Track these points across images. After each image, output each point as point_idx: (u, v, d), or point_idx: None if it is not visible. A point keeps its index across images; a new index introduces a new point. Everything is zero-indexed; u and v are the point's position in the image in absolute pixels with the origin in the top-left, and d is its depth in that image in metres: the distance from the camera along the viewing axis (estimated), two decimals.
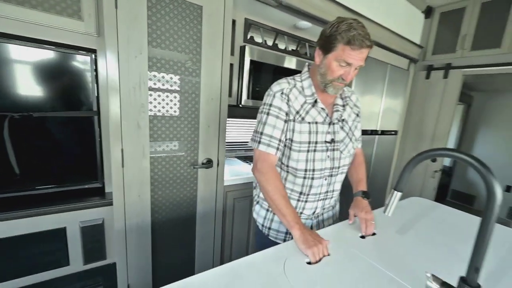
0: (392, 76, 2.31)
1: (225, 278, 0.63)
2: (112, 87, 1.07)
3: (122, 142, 1.13)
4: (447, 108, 2.46)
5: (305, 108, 0.91)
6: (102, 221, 1.26)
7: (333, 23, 0.82)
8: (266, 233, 1.04)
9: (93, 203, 1.21)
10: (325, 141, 0.94)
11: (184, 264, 1.48)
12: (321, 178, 0.96)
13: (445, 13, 2.42)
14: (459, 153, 0.55)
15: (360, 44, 0.78)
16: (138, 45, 1.09)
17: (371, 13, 1.97)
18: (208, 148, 1.38)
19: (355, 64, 0.82)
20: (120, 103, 1.09)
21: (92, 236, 1.24)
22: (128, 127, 1.13)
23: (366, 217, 0.91)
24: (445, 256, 0.82)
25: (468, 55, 2.29)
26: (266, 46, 1.73)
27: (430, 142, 2.58)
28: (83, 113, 1.20)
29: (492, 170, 0.51)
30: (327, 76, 0.86)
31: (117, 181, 1.16)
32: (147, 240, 1.29)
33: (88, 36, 1.13)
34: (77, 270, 1.24)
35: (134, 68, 1.09)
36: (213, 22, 1.25)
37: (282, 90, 0.90)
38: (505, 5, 2.07)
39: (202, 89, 1.29)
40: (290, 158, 0.93)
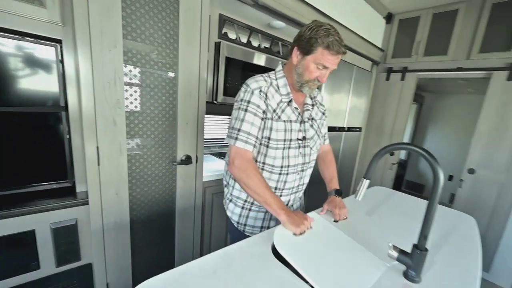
0: (358, 76, 2.50)
1: (222, 261, 0.68)
2: (84, 82, 1.02)
3: (97, 139, 1.09)
4: (403, 107, 2.74)
5: (281, 106, 0.95)
6: (76, 221, 1.20)
7: (312, 26, 0.87)
8: (242, 229, 1.07)
9: (65, 203, 1.15)
10: (298, 138, 1.00)
11: (164, 260, 1.47)
12: (295, 173, 1.03)
13: (403, 20, 2.67)
14: (413, 146, 0.69)
15: (337, 50, 0.86)
16: (112, 37, 1.05)
17: (341, 17, 2.10)
18: (187, 144, 1.38)
19: (330, 68, 0.90)
20: (94, 98, 1.05)
21: (65, 238, 1.18)
22: (103, 124, 1.09)
23: (340, 212, 1.02)
24: (402, 231, 0.98)
25: (421, 60, 2.56)
26: (240, 43, 1.76)
27: (389, 137, 2.85)
28: (49, 109, 1.12)
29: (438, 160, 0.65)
30: (304, 76, 0.92)
31: (93, 179, 1.12)
32: (126, 238, 1.27)
33: (52, 25, 1.04)
34: (49, 273, 1.18)
35: (108, 62, 1.06)
36: (190, 17, 1.25)
37: (260, 88, 0.92)
38: (452, 17, 2.35)
39: (179, 85, 1.28)
40: (267, 156, 0.97)
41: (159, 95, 1.24)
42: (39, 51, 1.05)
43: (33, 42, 1.03)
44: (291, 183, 1.04)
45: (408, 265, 0.70)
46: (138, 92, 1.17)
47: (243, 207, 1.05)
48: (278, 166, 0.99)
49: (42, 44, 1.05)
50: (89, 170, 1.10)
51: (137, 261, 1.36)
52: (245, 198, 1.04)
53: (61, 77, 1.11)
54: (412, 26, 2.60)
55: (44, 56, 1.06)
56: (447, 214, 1.22)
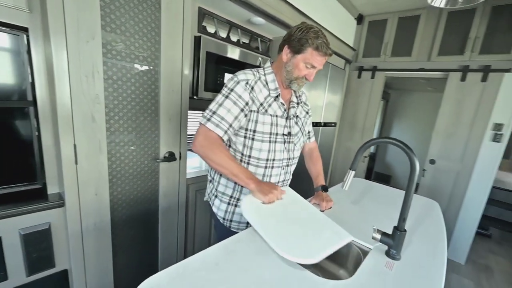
0: (333, 74, 2.62)
1: (223, 253, 0.70)
2: (59, 75, 0.94)
3: (75, 137, 1.02)
4: (373, 103, 2.93)
5: (268, 101, 0.98)
6: (49, 225, 1.12)
7: (302, 28, 0.92)
8: (228, 225, 1.08)
9: (37, 207, 1.06)
10: (283, 133, 1.03)
11: (147, 260, 1.43)
12: (280, 168, 1.06)
13: (372, 22, 2.84)
14: (393, 140, 0.77)
15: (325, 52, 0.92)
16: (90, 28, 0.98)
17: (317, 16, 2.17)
18: (170, 141, 1.35)
19: (318, 68, 0.95)
20: (70, 93, 0.98)
21: (37, 244, 1.09)
22: (81, 120, 1.02)
23: (327, 205, 1.08)
24: (382, 217, 1.08)
25: (389, 60, 2.76)
26: (219, 38, 1.75)
27: (361, 132, 3.04)
28: (14, 103, 1.02)
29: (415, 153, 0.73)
30: (293, 74, 0.96)
31: (70, 179, 1.05)
32: (107, 240, 1.21)
33: (17, 11, 0.96)
34: (18, 283, 1.08)
35: (86, 55, 0.99)
36: (173, 10, 1.21)
37: (247, 80, 0.94)
38: (415, 21, 2.57)
39: (162, 80, 1.25)
40: (253, 148, 0.99)
41: (141, 90, 1.19)
42: (3, 39, 0.95)
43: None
44: (276, 177, 1.07)
45: (390, 245, 0.78)
46: (118, 86, 1.12)
47: (229, 203, 1.06)
48: (263, 159, 1.01)
49: (5, 32, 0.96)
50: (65, 169, 1.03)
51: (118, 263, 1.30)
52: (231, 194, 1.05)
53: (27, 69, 1.02)
54: (380, 28, 2.79)
55: (7, 45, 0.97)
56: (415, 200, 1.35)
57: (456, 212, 2.48)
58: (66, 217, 1.11)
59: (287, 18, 1.83)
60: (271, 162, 1.03)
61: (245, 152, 1.00)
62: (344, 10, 2.64)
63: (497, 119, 2.25)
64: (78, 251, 1.13)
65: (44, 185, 1.15)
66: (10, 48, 0.98)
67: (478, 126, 2.33)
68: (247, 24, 1.90)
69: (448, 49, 2.44)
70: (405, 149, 0.74)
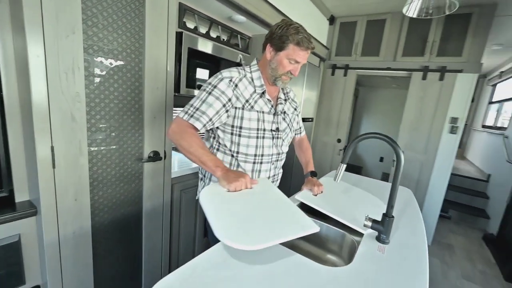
0: (309, 71, 2.72)
1: (227, 251, 0.72)
2: (35, 72, 0.87)
3: (52, 139, 0.95)
4: (346, 99, 3.11)
5: (254, 97, 1.02)
6: (18, 237, 1.03)
7: (281, 25, 0.96)
8: None
9: (3, 218, 0.97)
10: (271, 129, 1.08)
11: (130, 266, 1.38)
12: (269, 163, 1.11)
13: (344, 23, 3.01)
14: (381, 135, 0.84)
15: (307, 46, 0.97)
16: (70, 22, 0.92)
17: (294, 15, 2.24)
18: (154, 140, 1.31)
19: (301, 62, 1.00)
20: (47, 91, 0.91)
21: (6, 259, 1.00)
22: (59, 120, 0.96)
23: (318, 189, 1.14)
24: (368, 205, 1.15)
25: (360, 59, 2.95)
26: (200, 34, 1.73)
27: (336, 127, 3.22)
28: None
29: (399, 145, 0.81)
30: (278, 71, 1.00)
31: (46, 185, 0.97)
32: (87, 248, 1.15)
33: None
34: None
35: (65, 50, 0.92)
36: (158, 5, 1.17)
37: (231, 78, 0.97)
38: (381, 24, 2.78)
39: (146, 77, 1.20)
40: (240, 144, 1.02)
41: (124, 87, 1.14)
42: None
43: None
44: (266, 172, 1.11)
45: (380, 231, 0.86)
46: (100, 84, 1.06)
47: None
48: (251, 155, 1.04)
49: None
50: (41, 174, 0.95)
51: (99, 273, 1.23)
52: None
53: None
54: (351, 29, 2.96)
55: None
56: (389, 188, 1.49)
57: (422, 198, 2.77)
58: (39, 227, 1.03)
59: (267, 16, 1.86)
60: (259, 157, 1.06)
61: (233, 148, 1.03)
62: (317, 11, 2.75)
63: (453, 114, 2.55)
64: (55, 263, 1.05)
65: (11, 193, 1.05)
66: None
67: (438, 120, 2.62)
68: (228, 21, 1.90)
69: (411, 51, 2.69)
70: (392, 143, 0.82)
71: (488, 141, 4.36)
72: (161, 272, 1.54)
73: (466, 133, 6.08)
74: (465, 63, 2.45)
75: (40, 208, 0.99)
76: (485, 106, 5.16)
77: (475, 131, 5.48)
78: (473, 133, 5.66)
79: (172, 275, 0.60)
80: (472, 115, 5.86)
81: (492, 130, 4.35)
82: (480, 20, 2.36)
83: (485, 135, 4.59)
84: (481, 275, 2.42)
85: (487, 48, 3.44)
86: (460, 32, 2.44)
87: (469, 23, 2.39)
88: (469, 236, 3.21)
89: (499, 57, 3.99)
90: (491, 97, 4.99)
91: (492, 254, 2.78)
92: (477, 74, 2.42)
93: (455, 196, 3.81)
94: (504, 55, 3.86)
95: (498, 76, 4.50)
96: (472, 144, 5.58)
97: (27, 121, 0.97)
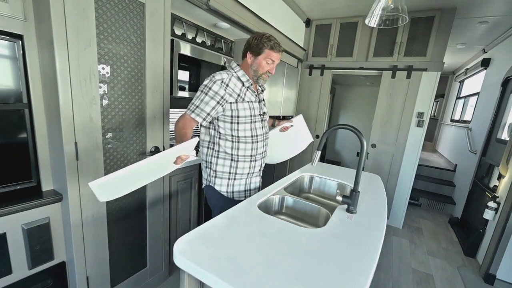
0: (288, 72, 3.05)
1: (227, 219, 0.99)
2: (62, 79, 1.10)
3: (75, 136, 1.19)
4: (323, 97, 3.48)
5: (243, 91, 1.33)
6: (48, 220, 1.26)
7: (256, 36, 1.30)
8: (231, 196, 1.40)
9: (38, 202, 1.20)
10: (260, 114, 1.41)
11: (136, 248, 1.62)
12: (262, 141, 1.43)
13: (319, 26, 3.36)
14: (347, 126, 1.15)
15: (278, 49, 1.31)
16: (87, 37, 1.15)
17: (273, 21, 2.54)
18: (155, 136, 1.57)
19: (276, 62, 1.34)
20: (71, 95, 1.14)
21: (39, 238, 1.23)
22: (80, 120, 1.19)
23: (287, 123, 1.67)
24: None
25: (335, 60, 3.32)
26: (188, 40, 2.00)
27: (315, 123, 3.58)
28: (10, 106, 1.15)
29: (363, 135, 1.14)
30: (258, 71, 1.33)
31: (72, 175, 1.20)
32: (103, 230, 1.38)
33: (13, 19, 1.09)
34: (22, 277, 1.20)
35: (84, 60, 1.16)
36: (155, 18, 1.42)
37: (222, 79, 1.26)
38: (354, 27, 3.14)
39: (147, 81, 1.46)
40: (239, 130, 1.33)
41: (129, 91, 1.39)
42: None
43: None
44: (260, 149, 1.43)
45: (349, 203, 1.16)
46: (111, 88, 1.31)
47: (229, 178, 1.38)
48: (249, 136, 1.36)
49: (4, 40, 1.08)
50: (68, 165, 1.18)
51: (113, 252, 1.47)
52: (229, 170, 1.37)
53: (23, 74, 1.16)
54: (326, 31, 3.32)
55: (3, 51, 1.09)
56: (364, 175, 1.83)
57: (393, 187, 3.17)
58: (64, 211, 1.26)
59: (249, 23, 2.16)
60: (255, 137, 1.38)
61: (234, 134, 1.33)
62: (294, 15, 3.08)
63: (419, 109, 2.92)
64: (79, 242, 1.29)
65: (38, 183, 1.27)
66: (6, 54, 1.10)
67: (406, 114, 2.98)
68: (213, 27, 2.18)
69: (381, 52, 3.06)
70: (356, 131, 1.12)
71: (456, 134, 4.83)
72: (162, 255, 1.81)
73: (437, 127, 6.74)
74: (429, 62, 2.80)
75: (66, 195, 1.22)
76: (453, 101, 5.70)
77: (445, 125, 6.05)
78: (443, 127, 6.25)
79: (189, 234, 0.84)
80: (442, 110, 6.46)
81: (458, 123, 4.79)
82: (441, 22, 2.71)
83: (453, 129, 5.07)
84: (444, 251, 2.81)
85: (452, 47, 4.00)
86: (424, 34, 2.82)
87: (431, 25, 2.76)
88: (437, 220, 3.64)
89: (463, 55, 4.53)
90: (459, 92, 5.49)
91: (455, 234, 3.20)
92: (439, 72, 2.76)
93: (424, 185, 4.26)
94: (467, 53, 4.39)
95: (463, 73, 5.01)
96: (442, 138, 6.17)
97: (52, 122, 1.19)
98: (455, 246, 2.97)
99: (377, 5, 1.49)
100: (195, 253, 0.77)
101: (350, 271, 0.77)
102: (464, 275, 2.41)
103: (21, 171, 1.21)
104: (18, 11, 1.09)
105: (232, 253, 0.79)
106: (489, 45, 3.79)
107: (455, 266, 2.58)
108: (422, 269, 2.49)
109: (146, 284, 1.73)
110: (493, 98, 3.22)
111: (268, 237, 0.91)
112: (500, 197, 2.42)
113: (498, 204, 2.39)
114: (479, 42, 3.75)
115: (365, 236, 0.99)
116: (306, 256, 0.82)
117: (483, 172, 3.08)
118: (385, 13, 1.60)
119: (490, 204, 2.41)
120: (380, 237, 0.98)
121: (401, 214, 3.20)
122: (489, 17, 2.87)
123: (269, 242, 0.88)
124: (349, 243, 0.93)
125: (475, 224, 2.89)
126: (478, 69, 4.13)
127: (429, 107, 2.89)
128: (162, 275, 1.86)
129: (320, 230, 1.00)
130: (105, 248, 1.41)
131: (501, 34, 3.31)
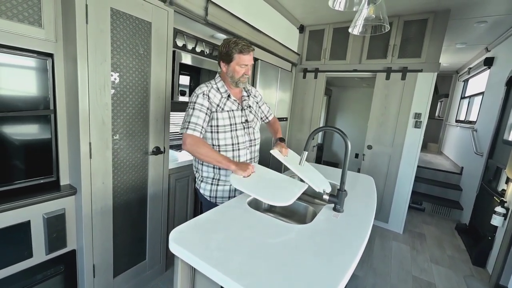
0: (282, 76, 3.40)
1: (218, 214, 1.23)
2: (82, 89, 1.39)
3: (90, 136, 1.51)
4: (318, 100, 3.81)
5: (223, 101, 1.53)
6: (64, 210, 1.56)
7: (224, 44, 1.46)
8: (214, 201, 1.58)
9: (57, 194, 1.50)
10: (242, 122, 1.60)
11: (137, 241, 1.91)
12: (245, 149, 1.63)
13: (312, 31, 3.71)
14: (331, 127, 1.37)
15: (247, 50, 1.43)
16: (103, 53, 1.45)
17: (266, 29, 2.87)
18: (156, 137, 1.89)
19: (249, 64, 1.47)
20: (88, 102, 1.45)
21: (56, 226, 1.52)
22: (95, 123, 1.50)
23: (285, 151, 1.67)
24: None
25: (328, 63, 3.65)
26: (188, 50, 2.36)
27: (309, 124, 3.89)
28: (41, 112, 1.43)
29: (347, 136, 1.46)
30: (235, 77, 1.47)
31: (86, 171, 1.51)
32: (109, 222, 1.68)
33: (47, 42, 1.40)
34: (40, 260, 1.48)
35: (100, 73, 1.46)
36: (159, 34, 1.73)
37: (203, 92, 1.45)
38: (346, 31, 3.44)
39: (151, 89, 1.76)
40: (219, 139, 1.53)
41: (136, 97, 1.72)
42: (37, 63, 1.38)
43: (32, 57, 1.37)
44: (244, 157, 1.63)
45: (335, 202, 1.33)
46: (120, 96, 1.64)
47: (212, 183, 1.58)
48: (229, 144, 1.55)
49: (37, 58, 1.39)
50: (83, 163, 1.49)
51: (116, 242, 1.76)
52: (213, 176, 1.58)
53: (51, 85, 1.49)
54: (319, 36, 3.66)
55: (38, 67, 1.39)
56: (356, 176, 2.09)
57: (392, 189, 3.30)
58: (78, 204, 1.55)
59: (244, 33, 2.50)
60: (236, 145, 1.58)
61: (215, 143, 1.54)
62: (288, 22, 3.41)
63: (416, 109, 3.08)
64: (89, 231, 1.57)
65: (58, 178, 1.60)
66: (40, 69, 1.40)
67: (402, 115, 3.15)
68: (210, 38, 2.54)
69: (375, 54, 3.33)
70: (340, 133, 1.35)
71: (461, 135, 4.90)
72: (160, 249, 2.12)
73: (442, 128, 6.95)
74: (424, 63, 2.99)
75: (80, 189, 1.53)
76: (458, 101, 5.85)
77: (450, 126, 6.14)
78: (448, 128, 6.34)
79: (182, 226, 1.06)
80: (447, 110, 6.59)
81: (464, 124, 4.86)
82: (435, 24, 2.91)
83: (458, 130, 5.16)
84: (449, 259, 2.76)
85: (451, 47, 4.25)
86: (418, 36, 3.06)
87: (425, 27, 3.00)
88: (442, 226, 3.63)
89: (465, 54, 4.72)
90: (463, 92, 5.64)
91: (463, 242, 3.16)
92: (435, 72, 2.94)
93: (428, 189, 4.32)
94: (469, 53, 4.58)
95: (467, 72, 5.20)
96: (448, 139, 6.25)
97: (72, 125, 1.49)
98: (462, 254, 2.91)
99: (359, 16, 1.66)
100: (188, 241, 0.94)
101: (329, 263, 0.88)
102: (471, 285, 2.35)
103: (44, 167, 1.51)
104: (51, 35, 1.41)
105: (220, 243, 0.95)
106: (491, 44, 3.94)
107: (461, 275, 2.53)
108: (424, 277, 2.46)
109: (144, 276, 2.03)
110: (498, 98, 3.33)
111: (255, 230, 1.07)
112: (508, 202, 2.38)
113: (507, 210, 2.33)
114: (480, 41, 3.89)
115: (348, 233, 1.10)
116: (289, 248, 0.95)
117: (491, 175, 3.07)
118: (368, 22, 1.73)
119: (498, 210, 2.36)
120: (365, 235, 1.10)
121: (401, 218, 3.31)
122: (487, 17, 3.00)
123: (255, 235, 1.03)
124: (331, 238, 1.05)
125: (483, 231, 2.85)
126: (481, 68, 4.26)
127: (426, 108, 3.03)
128: (159, 269, 2.15)
129: (304, 226, 1.13)
130: (110, 239, 1.71)
131: (504, 33, 3.45)
